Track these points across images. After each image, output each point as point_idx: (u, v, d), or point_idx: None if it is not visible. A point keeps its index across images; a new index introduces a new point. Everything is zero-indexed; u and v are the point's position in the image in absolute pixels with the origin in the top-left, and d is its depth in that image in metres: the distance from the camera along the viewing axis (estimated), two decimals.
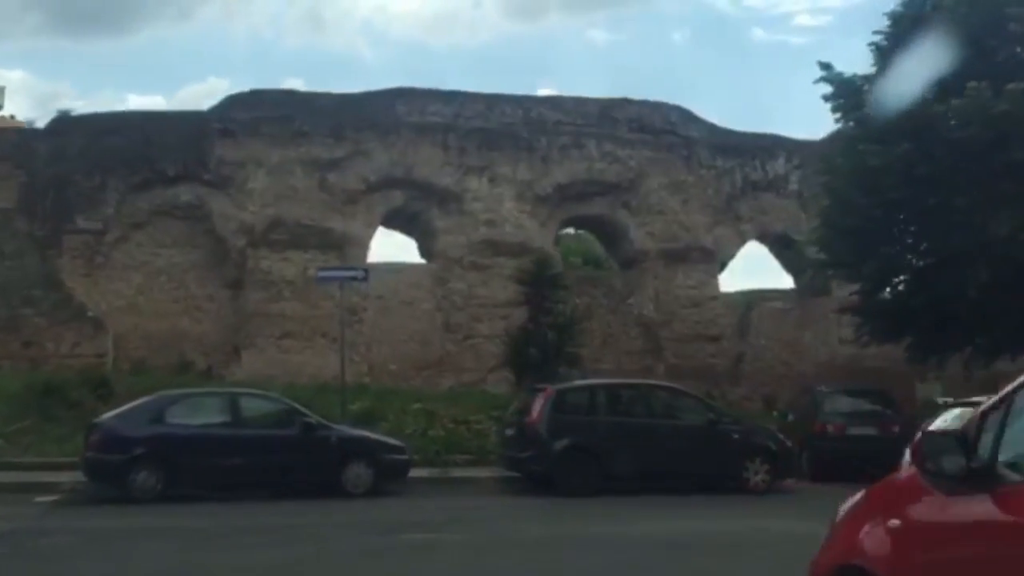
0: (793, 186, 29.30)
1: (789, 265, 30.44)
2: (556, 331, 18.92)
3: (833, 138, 20.15)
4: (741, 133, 29.29)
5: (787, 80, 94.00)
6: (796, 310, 29.67)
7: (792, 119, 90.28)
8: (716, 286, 28.63)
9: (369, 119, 26.23)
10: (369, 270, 20.33)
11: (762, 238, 29.64)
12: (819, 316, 29.17)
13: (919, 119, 17.59)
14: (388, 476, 14.59)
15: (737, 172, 28.90)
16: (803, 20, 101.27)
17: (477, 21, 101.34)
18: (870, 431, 17.76)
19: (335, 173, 25.85)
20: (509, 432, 15.70)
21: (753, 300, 29.96)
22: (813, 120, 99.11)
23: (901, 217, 19.01)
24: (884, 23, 19.67)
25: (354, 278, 18.12)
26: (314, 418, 14.55)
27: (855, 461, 17.86)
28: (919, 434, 7.27)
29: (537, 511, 13.64)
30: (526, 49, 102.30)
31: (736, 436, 15.36)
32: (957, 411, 9.36)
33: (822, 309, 29.22)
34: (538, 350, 18.81)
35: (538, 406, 14.92)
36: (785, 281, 31.15)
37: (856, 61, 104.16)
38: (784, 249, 29.97)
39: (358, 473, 14.21)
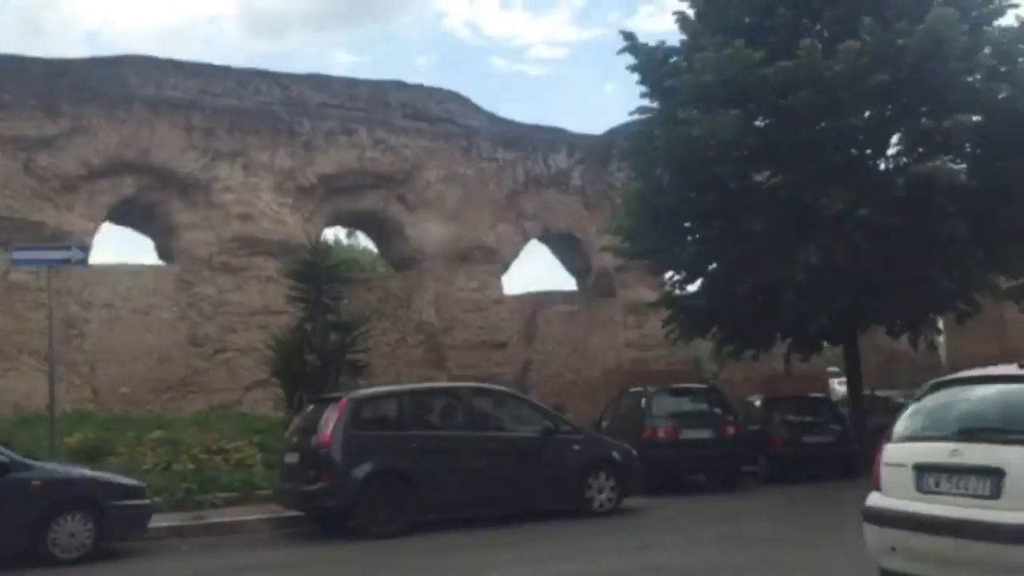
0: (576, 182, 27.12)
1: (572, 266, 28.22)
2: (340, 332, 15.18)
3: (643, 117, 17.76)
4: (522, 124, 26.75)
5: (525, 108, 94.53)
6: (583, 313, 27.44)
7: None
8: (500, 288, 25.78)
9: (92, 90, 21.18)
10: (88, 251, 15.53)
11: (545, 236, 27.18)
12: (606, 319, 27.11)
13: (742, 85, 15.51)
14: (119, 529, 10.23)
15: (519, 165, 26.27)
16: (539, 51, 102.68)
17: (214, 37, 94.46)
18: (705, 434, 15.39)
19: (47, 154, 20.56)
20: (290, 459, 11.77)
21: (539, 303, 27.43)
22: None
23: (722, 196, 16.92)
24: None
25: (67, 260, 13.30)
26: (6, 455, 9.96)
27: (690, 468, 15.54)
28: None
29: (333, 564, 9.88)
30: (267, 67, 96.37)
31: (577, 447, 12.31)
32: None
33: (609, 311, 27.21)
34: (318, 356, 14.96)
35: (330, 422, 11.14)
36: (569, 283, 28.93)
37: (591, 89, 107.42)
38: (566, 248, 27.73)
39: (71, 529, 9.79)
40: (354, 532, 11.08)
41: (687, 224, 17.20)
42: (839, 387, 26.25)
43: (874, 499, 6.54)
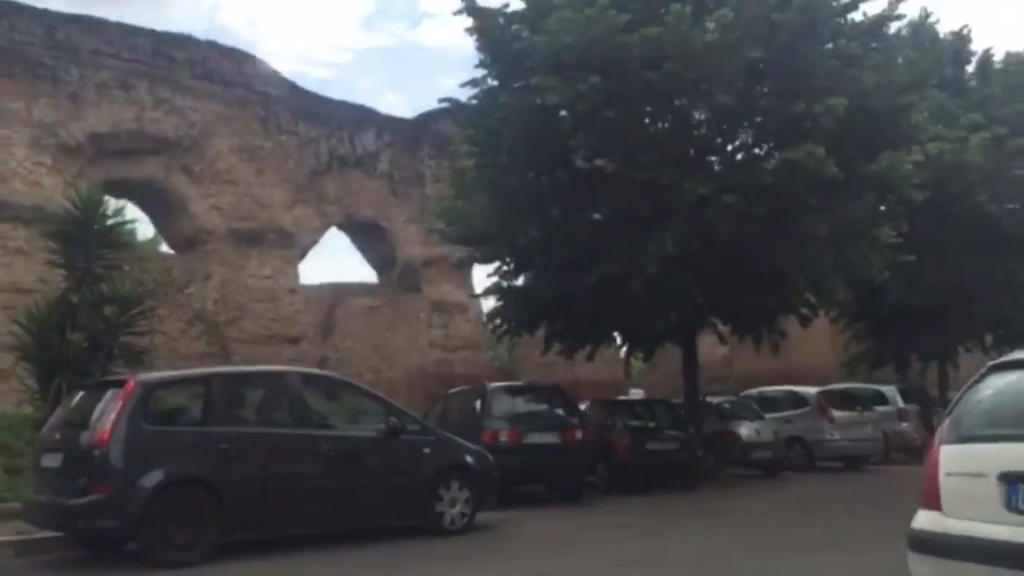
0: (384, 166, 24.71)
1: (375, 257, 25.73)
2: (117, 306, 11.97)
3: (477, 90, 15.73)
4: (328, 99, 24.07)
5: None
6: (386, 308, 25.01)
7: None
8: (296, 277, 22.87)
9: None
10: None
11: (347, 223, 24.54)
12: (411, 316, 24.84)
13: (603, 52, 13.84)
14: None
15: (323, 143, 23.52)
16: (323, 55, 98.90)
17: None
18: (551, 439, 13.47)
19: None
20: (49, 462, 8.64)
21: (338, 295, 24.73)
22: None
23: (572, 175, 15.19)
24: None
25: None
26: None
27: (535, 476, 13.60)
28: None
29: None
30: None
31: (427, 451, 9.97)
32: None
33: (413, 308, 24.97)
34: (85, 336, 11.69)
35: (109, 414, 8.20)
36: (371, 276, 26.39)
37: (373, 98, 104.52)
38: (370, 238, 25.24)
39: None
40: (138, 559, 8.22)
41: (529, 206, 15.29)
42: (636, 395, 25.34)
43: (929, 521, 4.73)
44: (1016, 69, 20.66)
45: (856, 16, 15.09)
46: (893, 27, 15.74)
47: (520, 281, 17.25)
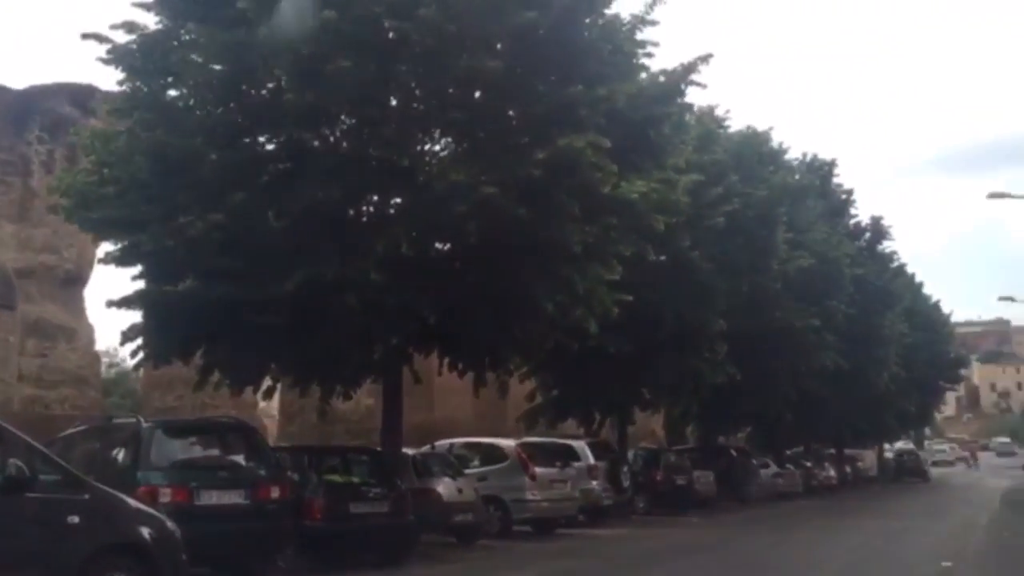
0: None
1: None
2: None
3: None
4: None
5: None
6: None
7: None
8: None
9: None
10: None
11: None
12: None
13: None
14: None
15: None
16: None
17: None
18: (236, 497, 9.23)
19: None
20: None
21: None
22: None
23: (278, 146, 11.27)
24: None
25: None
26: None
27: (214, 553, 9.22)
28: None
29: None
30: None
31: (75, 519, 5.53)
32: None
33: (2, 329, 18.76)
34: None
35: None
36: None
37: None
38: None
39: None
40: None
41: (212, 181, 11.02)
42: None
43: None
44: (708, 120, 20.37)
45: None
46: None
47: (181, 287, 12.65)
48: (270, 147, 11.35)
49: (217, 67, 10.78)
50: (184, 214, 11.14)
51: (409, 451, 14.95)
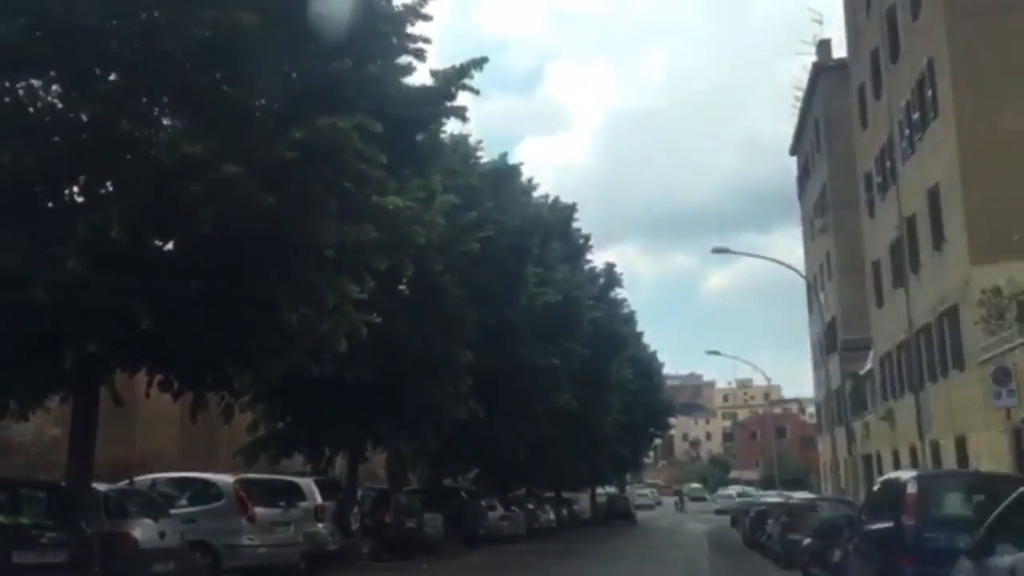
0: None
1: None
2: None
3: None
4: None
5: None
6: None
7: None
8: None
9: None
10: None
11: None
12: None
13: None
14: None
15: None
16: None
17: None
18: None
19: None
20: None
21: None
22: None
23: None
24: None
25: None
26: None
27: None
28: None
29: None
30: None
31: None
32: None
33: None
34: None
35: None
36: None
37: None
38: None
39: None
40: None
41: None
42: None
43: None
44: (463, 145, 19.43)
45: None
46: None
47: None
48: None
49: None
50: None
51: (101, 487, 12.34)
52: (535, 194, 25.06)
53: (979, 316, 18.74)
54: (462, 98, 11.55)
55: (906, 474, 9.84)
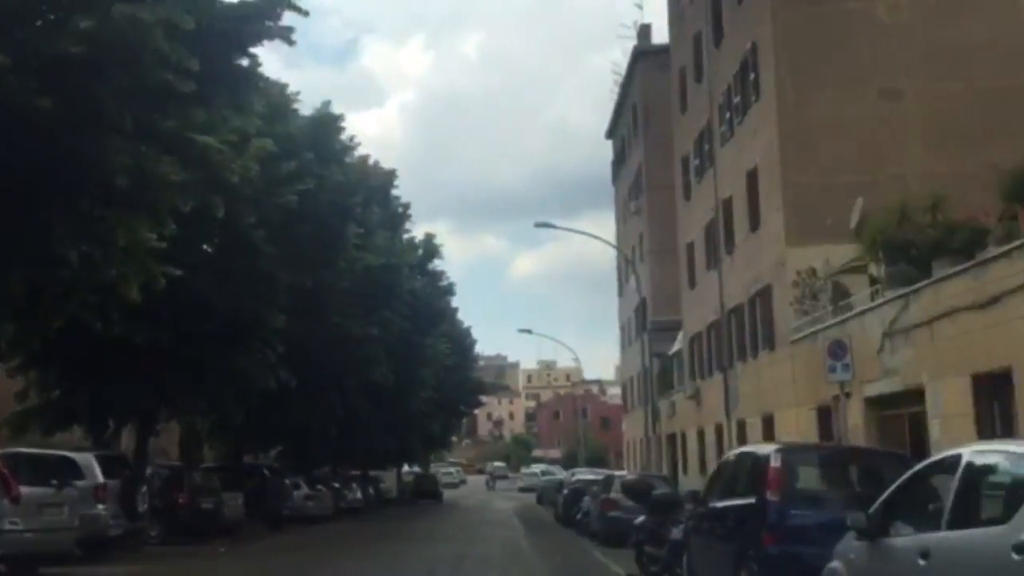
0: None
1: None
2: None
3: None
4: None
5: None
6: None
7: None
8: None
9: None
10: None
11: None
12: None
13: None
14: None
15: None
16: None
17: None
18: None
19: None
20: None
21: None
22: None
23: None
24: None
25: None
26: None
27: None
28: None
29: None
30: None
31: None
32: None
33: None
34: None
35: None
36: None
37: None
38: None
39: None
40: None
41: None
42: None
43: None
44: (280, 95, 17.60)
45: None
46: None
47: None
48: None
49: None
50: None
51: None
52: (356, 153, 23.51)
53: (792, 297, 19.02)
54: (288, 18, 10.07)
55: (766, 447, 9.28)
